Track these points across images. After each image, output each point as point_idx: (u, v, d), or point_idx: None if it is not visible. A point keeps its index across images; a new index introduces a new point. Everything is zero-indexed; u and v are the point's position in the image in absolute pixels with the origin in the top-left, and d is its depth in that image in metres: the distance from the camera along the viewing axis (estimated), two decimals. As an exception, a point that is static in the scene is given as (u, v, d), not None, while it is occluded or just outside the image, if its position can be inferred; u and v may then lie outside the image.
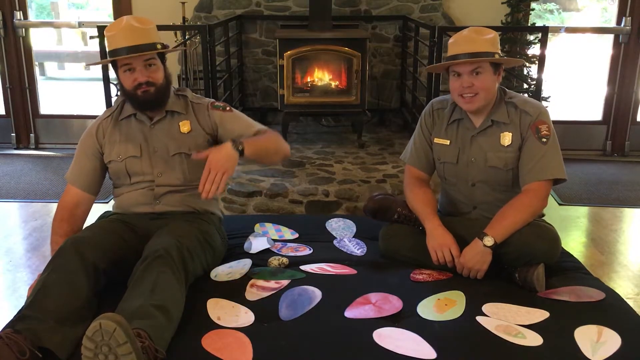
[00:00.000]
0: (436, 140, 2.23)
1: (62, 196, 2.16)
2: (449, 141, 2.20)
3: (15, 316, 1.68)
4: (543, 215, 2.19)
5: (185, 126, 2.14)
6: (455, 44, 2.07)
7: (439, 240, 2.04)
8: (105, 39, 2.01)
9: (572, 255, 2.28)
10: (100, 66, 3.60)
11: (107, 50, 2.04)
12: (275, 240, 2.36)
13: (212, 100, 2.25)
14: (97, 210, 2.29)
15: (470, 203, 2.21)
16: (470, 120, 2.17)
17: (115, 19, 4.75)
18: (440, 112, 2.24)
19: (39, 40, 6.68)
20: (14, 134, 5.05)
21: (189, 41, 4.15)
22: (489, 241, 1.97)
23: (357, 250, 2.29)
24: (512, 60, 2.31)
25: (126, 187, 2.15)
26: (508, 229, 1.98)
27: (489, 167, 2.13)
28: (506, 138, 2.11)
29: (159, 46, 2.02)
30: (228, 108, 2.21)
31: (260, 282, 1.97)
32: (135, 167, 2.12)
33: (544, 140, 2.06)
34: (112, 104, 2.24)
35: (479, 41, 2.04)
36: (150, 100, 2.07)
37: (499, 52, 2.08)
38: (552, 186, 2.10)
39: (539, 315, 1.79)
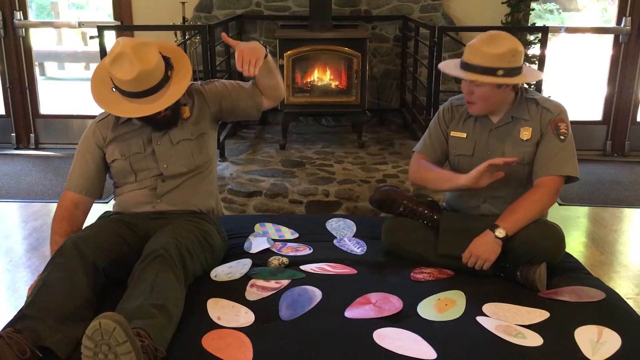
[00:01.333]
0: (453, 133, 2.24)
1: (62, 196, 2.16)
2: (465, 134, 2.21)
3: (15, 316, 1.69)
4: (545, 216, 2.19)
5: (185, 112, 2.14)
6: (468, 51, 2.06)
7: (474, 171, 2.04)
8: (117, 81, 1.94)
9: (572, 256, 2.28)
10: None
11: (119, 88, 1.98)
12: (275, 240, 2.36)
13: (199, 82, 2.26)
14: (97, 210, 2.29)
15: (480, 197, 2.21)
16: (487, 116, 2.18)
17: (115, 19, 4.76)
18: (459, 107, 2.26)
19: (39, 40, 6.68)
20: (14, 134, 5.04)
21: (189, 41, 4.15)
22: (500, 233, 1.98)
23: (357, 249, 2.29)
24: (511, 81, 2.05)
25: (128, 186, 2.15)
26: (519, 222, 2.00)
27: None
28: (525, 132, 2.12)
29: (169, 73, 2.01)
30: (216, 78, 2.27)
31: (260, 282, 1.97)
32: (140, 163, 2.12)
33: (562, 137, 2.08)
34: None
35: (486, 55, 2.00)
36: (169, 121, 2.09)
37: (512, 65, 2.00)
38: (563, 184, 2.11)
39: (539, 315, 1.79)
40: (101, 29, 3.53)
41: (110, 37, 3.54)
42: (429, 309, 1.83)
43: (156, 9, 4.63)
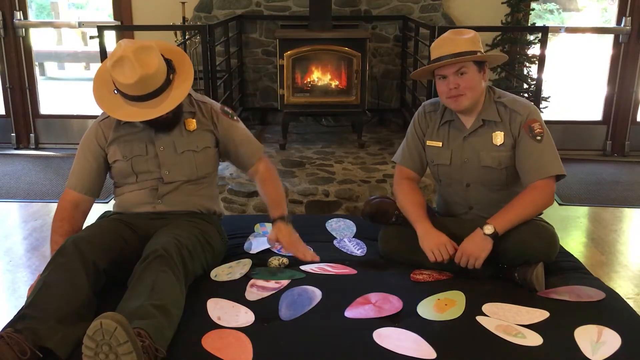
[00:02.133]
0: (429, 142, 2.24)
1: (62, 196, 2.16)
2: (441, 143, 2.20)
3: (15, 316, 1.68)
4: (541, 213, 2.19)
5: (191, 124, 2.14)
6: (437, 47, 2.09)
7: (434, 241, 2.04)
8: (118, 85, 1.95)
9: (572, 255, 2.28)
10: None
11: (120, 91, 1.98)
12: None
13: (222, 105, 2.26)
14: (97, 210, 2.29)
15: (466, 204, 2.21)
16: (460, 121, 2.17)
17: (115, 19, 4.76)
18: (432, 114, 2.25)
19: (39, 40, 6.68)
20: (14, 134, 5.05)
21: (189, 41, 4.15)
22: (488, 229, 1.97)
23: (357, 250, 2.29)
24: (494, 57, 2.23)
25: (129, 187, 2.15)
26: (510, 220, 1.99)
27: (482, 167, 2.14)
28: (498, 137, 2.12)
29: (171, 76, 2.01)
30: (236, 118, 2.26)
31: (260, 282, 1.97)
32: (141, 166, 2.12)
33: (539, 138, 2.07)
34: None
35: (460, 41, 2.05)
36: (169, 124, 2.09)
37: (481, 50, 2.09)
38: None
39: (539, 315, 1.79)
40: (101, 29, 3.53)
41: (110, 37, 3.54)
42: (428, 309, 1.83)
43: (156, 9, 4.63)
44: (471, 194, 2.19)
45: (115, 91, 1.99)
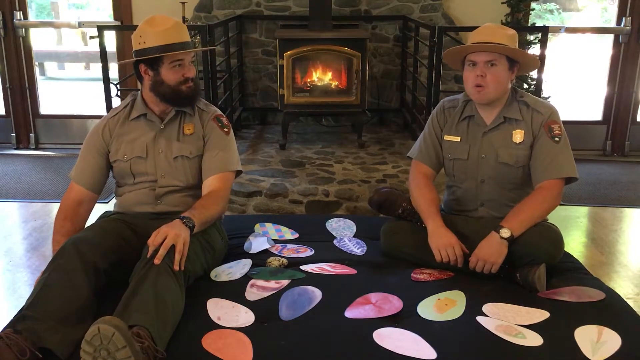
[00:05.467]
0: (446, 137, 2.24)
1: (65, 194, 2.16)
2: (459, 138, 2.21)
3: (15, 316, 1.69)
4: (547, 219, 2.19)
5: (188, 128, 2.14)
6: (476, 34, 2.10)
7: (443, 240, 2.04)
8: (151, 33, 2.04)
9: (572, 256, 2.28)
10: (100, 66, 3.60)
11: (149, 45, 2.04)
12: (275, 241, 2.36)
13: (220, 112, 2.23)
14: (98, 210, 2.29)
15: (478, 200, 2.21)
16: (481, 117, 2.18)
17: (115, 19, 4.76)
18: (451, 110, 2.25)
19: (39, 40, 6.68)
20: (14, 134, 5.04)
21: (189, 41, 4.15)
22: (505, 233, 1.97)
23: (357, 249, 2.29)
24: (528, 58, 2.16)
25: (129, 187, 2.16)
26: (524, 223, 1.99)
27: (499, 164, 2.14)
28: (518, 135, 2.12)
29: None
30: (225, 129, 2.19)
31: (260, 282, 1.98)
32: (139, 167, 2.12)
33: (557, 139, 2.08)
34: (120, 102, 2.24)
35: (500, 34, 2.06)
36: (192, 96, 2.12)
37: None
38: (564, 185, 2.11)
39: (539, 315, 1.79)
40: (101, 29, 3.53)
41: (110, 37, 3.54)
42: (429, 309, 1.83)
43: (156, 9, 4.61)
44: (484, 191, 2.19)
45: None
